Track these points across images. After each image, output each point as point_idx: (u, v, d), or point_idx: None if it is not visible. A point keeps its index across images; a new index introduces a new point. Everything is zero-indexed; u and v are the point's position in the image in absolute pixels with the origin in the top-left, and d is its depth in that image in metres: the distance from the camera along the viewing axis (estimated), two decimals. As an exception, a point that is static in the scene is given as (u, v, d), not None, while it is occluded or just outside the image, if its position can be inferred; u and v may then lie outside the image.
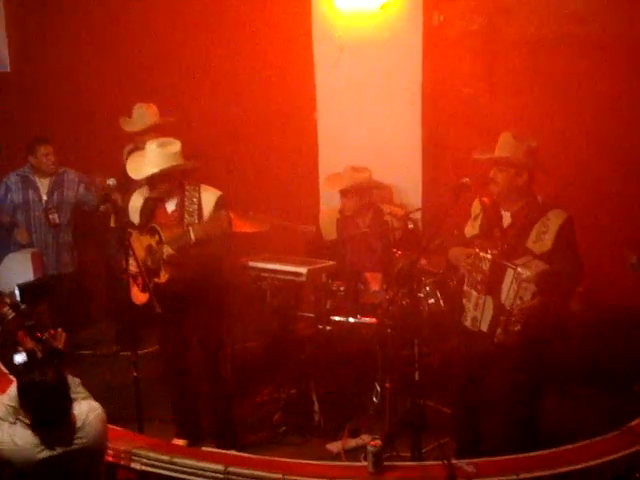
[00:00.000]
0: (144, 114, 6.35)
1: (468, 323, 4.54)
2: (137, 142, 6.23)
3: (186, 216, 4.89)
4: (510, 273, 4.26)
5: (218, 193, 4.99)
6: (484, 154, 4.56)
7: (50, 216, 6.48)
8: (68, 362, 3.90)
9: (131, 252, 4.75)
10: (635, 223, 6.17)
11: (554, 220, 4.35)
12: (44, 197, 6.53)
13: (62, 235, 6.60)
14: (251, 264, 5.53)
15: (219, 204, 4.93)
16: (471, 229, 4.59)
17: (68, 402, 3.60)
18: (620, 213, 6.23)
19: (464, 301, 4.56)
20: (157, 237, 4.85)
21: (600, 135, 6.25)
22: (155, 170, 4.84)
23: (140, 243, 4.95)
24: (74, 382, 3.82)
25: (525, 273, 4.20)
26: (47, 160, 6.48)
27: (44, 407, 3.52)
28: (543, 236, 4.32)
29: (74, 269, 6.74)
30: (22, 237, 6.45)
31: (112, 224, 6.05)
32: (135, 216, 5.05)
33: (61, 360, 3.81)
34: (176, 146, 4.92)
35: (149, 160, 4.89)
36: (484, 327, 4.44)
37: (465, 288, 4.53)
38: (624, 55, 6.22)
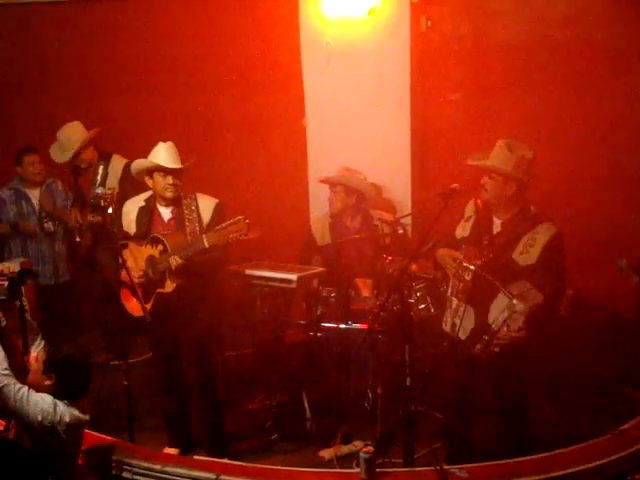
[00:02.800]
0: (69, 136, 6.29)
1: (447, 328, 4.52)
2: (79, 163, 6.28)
3: (187, 224, 4.87)
4: (504, 300, 4.21)
5: (215, 201, 5.00)
6: (477, 161, 4.56)
7: (45, 225, 6.49)
8: None
9: (125, 266, 4.74)
10: (624, 227, 6.19)
11: (542, 234, 4.32)
12: (37, 207, 6.53)
13: (57, 244, 6.61)
14: (241, 271, 5.52)
15: (217, 212, 4.93)
16: (462, 230, 4.57)
17: None
18: (610, 217, 6.25)
19: (447, 304, 4.55)
20: (161, 247, 4.80)
21: (588, 139, 6.28)
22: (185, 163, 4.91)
23: (140, 254, 4.91)
24: None
25: (519, 306, 4.16)
26: (33, 169, 6.49)
27: None
28: (530, 249, 4.30)
29: (70, 278, 6.74)
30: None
31: (77, 238, 6.28)
32: (130, 225, 5.01)
33: None
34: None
35: (174, 155, 4.92)
36: (462, 335, 4.42)
37: (448, 293, 4.53)
38: (609, 58, 6.26)
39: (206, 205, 4.95)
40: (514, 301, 4.17)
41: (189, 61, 7.29)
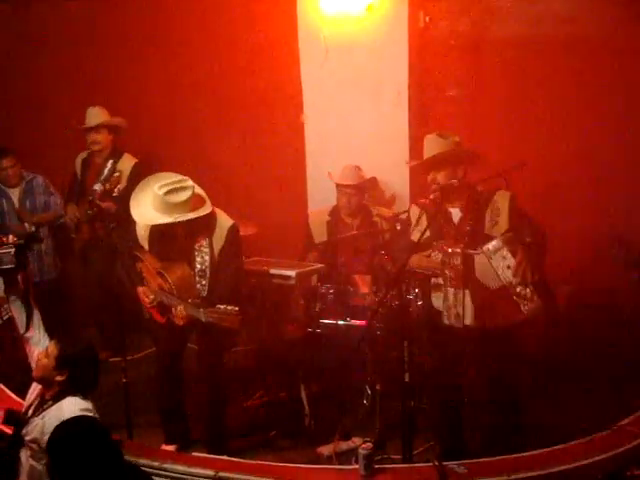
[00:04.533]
0: (97, 113, 6.40)
1: (451, 321, 4.50)
2: (91, 143, 6.35)
3: (197, 258, 4.71)
4: (482, 257, 4.33)
5: (229, 224, 4.78)
6: (419, 160, 4.63)
7: (26, 224, 6.44)
8: None
9: (142, 281, 4.73)
10: (623, 224, 6.19)
11: (502, 201, 4.47)
12: (16, 206, 6.50)
13: (44, 241, 6.51)
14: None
15: (231, 237, 4.74)
16: (417, 234, 4.52)
17: None
18: (608, 214, 6.25)
19: (439, 303, 4.54)
20: (167, 284, 4.68)
21: (586, 135, 6.28)
22: (161, 221, 4.61)
23: (150, 272, 4.82)
24: None
25: (490, 244, 4.31)
26: (11, 172, 6.47)
27: None
28: (497, 219, 4.44)
29: (57, 274, 6.70)
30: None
31: (73, 235, 6.34)
32: (145, 242, 4.90)
33: None
34: (186, 193, 4.61)
35: (158, 207, 4.61)
36: (468, 321, 4.43)
37: (443, 287, 4.51)
38: (609, 55, 6.24)
39: (219, 230, 4.75)
40: (484, 247, 4.31)
41: (186, 57, 7.27)
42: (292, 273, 5.35)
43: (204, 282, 4.74)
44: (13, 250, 4.15)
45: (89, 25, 7.28)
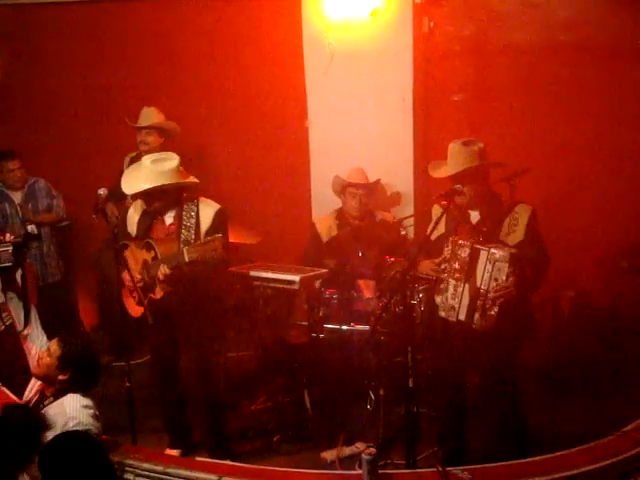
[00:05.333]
0: (150, 113, 6.39)
1: (445, 314, 4.54)
2: (140, 143, 6.30)
3: (183, 231, 4.83)
4: (484, 255, 4.36)
5: (217, 207, 4.92)
6: (443, 171, 4.65)
7: (28, 227, 6.44)
8: None
9: (127, 266, 4.74)
10: (625, 229, 6.19)
11: (522, 213, 4.53)
12: (19, 209, 6.52)
13: (46, 244, 6.57)
14: (244, 273, 5.52)
15: (217, 219, 4.87)
16: (435, 232, 4.60)
17: None
18: (611, 218, 6.25)
19: (438, 297, 4.57)
20: (153, 253, 4.80)
21: (591, 140, 6.29)
22: (147, 186, 4.77)
23: (136, 257, 4.90)
24: None
25: (498, 253, 4.33)
26: (13, 175, 6.51)
27: None
28: (515, 228, 4.50)
29: (60, 277, 6.71)
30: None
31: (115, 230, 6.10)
32: (132, 228, 5.01)
33: None
34: (172, 162, 4.84)
35: (143, 175, 4.83)
36: (462, 316, 4.45)
37: (444, 277, 4.54)
38: (615, 60, 6.25)
39: (207, 211, 4.88)
40: (492, 249, 4.34)
41: (191, 63, 7.29)
42: (296, 278, 5.35)
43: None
44: (11, 248, 4.21)
45: (91, 28, 7.29)
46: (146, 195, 4.85)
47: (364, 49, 6.32)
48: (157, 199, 4.85)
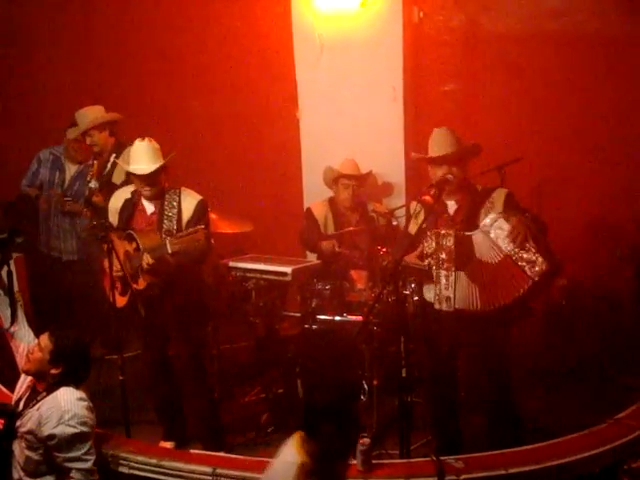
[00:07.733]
0: (85, 115, 6.06)
1: (442, 305, 4.47)
2: (99, 150, 6.04)
3: (165, 221, 4.81)
4: (479, 236, 4.34)
5: (198, 198, 4.90)
6: (428, 153, 4.61)
7: (67, 204, 6.29)
8: None
9: (114, 256, 4.72)
10: (618, 216, 6.21)
11: (498, 197, 4.49)
12: (67, 183, 6.41)
13: (79, 223, 6.37)
14: (236, 265, 5.52)
15: (199, 209, 4.85)
16: (415, 226, 4.59)
17: None
18: (602, 206, 6.27)
19: (430, 295, 4.55)
20: (134, 244, 4.77)
21: (581, 129, 6.29)
22: (161, 162, 4.75)
23: (117, 248, 4.86)
24: None
25: (487, 219, 4.34)
26: (73, 146, 6.36)
27: None
28: (491, 211, 4.43)
29: (78, 257, 6.53)
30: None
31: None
32: (114, 217, 4.99)
33: None
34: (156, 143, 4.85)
35: (151, 154, 4.77)
36: (459, 304, 4.40)
37: (433, 271, 4.49)
38: (604, 48, 6.26)
39: (188, 202, 4.86)
40: (481, 224, 4.34)
41: (182, 54, 7.28)
42: (288, 269, 5.35)
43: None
44: None
45: (82, 23, 7.27)
46: (153, 175, 4.78)
47: (354, 40, 6.30)
48: (158, 178, 4.82)
